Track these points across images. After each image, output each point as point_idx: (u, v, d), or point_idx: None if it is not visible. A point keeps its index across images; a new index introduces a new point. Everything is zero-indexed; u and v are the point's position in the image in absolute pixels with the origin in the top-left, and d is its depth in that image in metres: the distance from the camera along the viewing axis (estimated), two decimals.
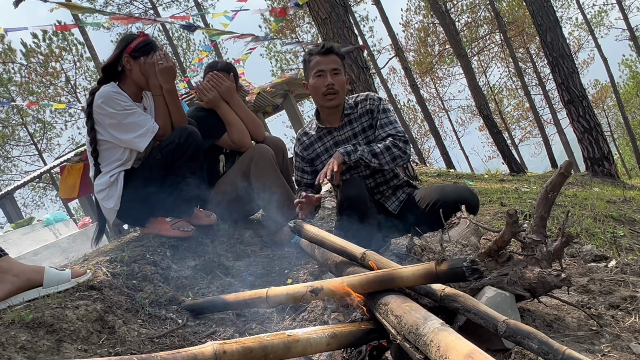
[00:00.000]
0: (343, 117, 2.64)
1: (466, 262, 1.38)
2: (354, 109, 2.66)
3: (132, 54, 2.73)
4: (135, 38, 2.77)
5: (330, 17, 6.05)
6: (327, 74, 2.52)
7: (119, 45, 2.77)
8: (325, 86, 2.51)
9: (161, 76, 2.72)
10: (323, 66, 2.53)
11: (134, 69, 2.73)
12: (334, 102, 2.55)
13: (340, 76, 2.55)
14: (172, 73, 2.75)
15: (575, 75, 8.14)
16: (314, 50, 2.60)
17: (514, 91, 28.59)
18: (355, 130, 2.64)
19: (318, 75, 2.54)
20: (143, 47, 2.74)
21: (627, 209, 4.22)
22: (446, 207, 2.35)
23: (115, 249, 2.68)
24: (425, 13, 25.32)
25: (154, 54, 2.73)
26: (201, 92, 3.18)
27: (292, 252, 2.90)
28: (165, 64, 2.72)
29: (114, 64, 2.75)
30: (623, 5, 23.48)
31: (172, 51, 24.86)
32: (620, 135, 30.95)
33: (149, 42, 2.79)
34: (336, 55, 2.57)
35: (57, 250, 6.13)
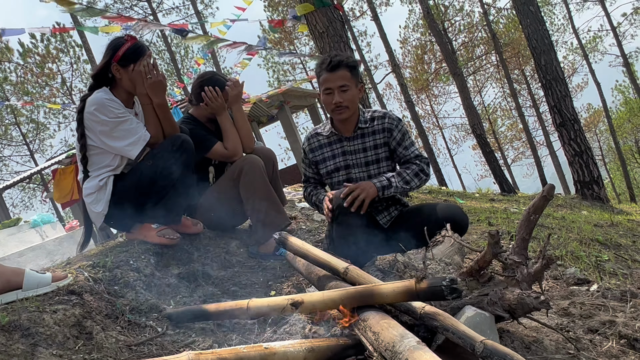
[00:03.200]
0: (357, 128, 2.67)
1: (445, 281, 1.39)
2: (369, 123, 2.67)
3: (121, 62, 2.66)
4: (123, 44, 2.69)
5: (328, 31, 6.11)
6: (335, 91, 2.54)
7: (107, 53, 2.70)
8: (333, 104, 2.55)
9: (151, 90, 2.68)
10: (330, 84, 2.54)
11: (124, 77, 2.69)
12: (343, 116, 2.59)
13: (349, 92, 2.54)
14: (162, 87, 2.70)
15: (568, 98, 8.25)
16: (323, 64, 2.58)
17: (508, 112, 28.84)
18: (366, 145, 2.66)
19: (327, 93, 2.57)
20: (132, 54, 2.68)
21: (614, 233, 4.25)
22: (436, 225, 2.37)
23: (99, 253, 2.66)
24: (423, 31, 25.60)
25: (142, 63, 2.67)
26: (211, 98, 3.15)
27: (277, 263, 2.89)
28: (154, 78, 2.67)
29: (104, 71, 2.71)
30: (617, 32, 23.85)
31: (169, 57, 24.92)
32: (611, 160, 31.22)
33: (137, 47, 2.71)
34: (345, 68, 2.54)
35: (43, 252, 6.07)
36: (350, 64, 2.57)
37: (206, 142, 3.16)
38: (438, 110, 29.10)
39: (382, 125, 2.67)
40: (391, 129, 2.66)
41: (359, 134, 2.67)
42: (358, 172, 2.67)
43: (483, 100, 28.07)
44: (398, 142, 2.66)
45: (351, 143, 2.68)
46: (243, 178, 3.03)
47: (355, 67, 2.60)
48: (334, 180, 2.74)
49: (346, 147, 2.69)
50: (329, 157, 2.73)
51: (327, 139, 2.74)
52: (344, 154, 2.70)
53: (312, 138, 2.79)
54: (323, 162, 2.74)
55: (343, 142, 2.70)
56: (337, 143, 2.71)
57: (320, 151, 2.75)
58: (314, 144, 2.77)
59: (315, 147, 2.76)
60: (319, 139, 2.76)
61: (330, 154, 2.73)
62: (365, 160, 2.68)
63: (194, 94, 3.30)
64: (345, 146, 2.69)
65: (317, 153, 2.76)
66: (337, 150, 2.71)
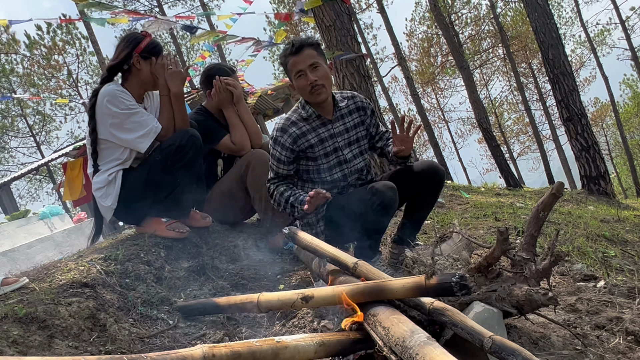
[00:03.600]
0: (336, 110, 2.60)
1: (455, 277, 1.41)
2: (344, 103, 2.64)
3: (142, 54, 2.75)
4: (144, 38, 2.79)
5: (335, 24, 6.09)
6: (307, 71, 2.46)
7: (128, 45, 2.76)
8: (309, 84, 2.45)
9: (171, 80, 2.76)
10: (300, 65, 2.47)
11: (144, 69, 2.76)
12: (322, 96, 2.49)
13: (320, 68, 2.47)
14: (181, 78, 2.80)
15: (575, 93, 8.20)
16: (286, 51, 2.53)
17: (515, 105, 28.69)
18: (348, 125, 2.63)
19: (299, 76, 2.48)
20: (154, 48, 2.79)
21: (620, 229, 4.25)
22: (414, 174, 2.47)
23: (110, 246, 2.70)
24: (430, 24, 25.43)
25: (165, 56, 2.78)
26: (218, 90, 3.18)
27: (285, 258, 2.92)
28: (175, 68, 2.77)
29: (122, 63, 2.76)
30: (626, 25, 23.62)
31: (175, 50, 24.91)
32: (618, 155, 31.04)
33: (157, 43, 2.84)
34: (310, 47, 2.49)
35: (51, 244, 6.12)
36: (313, 42, 2.52)
37: (216, 134, 3.19)
38: (444, 104, 29.00)
39: (355, 104, 2.66)
40: (364, 107, 2.66)
41: (339, 115, 2.61)
42: (347, 153, 2.60)
43: (489, 94, 27.95)
44: (371, 117, 2.69)
45: (335, 125, 2.59)
46: (250, 173, 3.06)
47: (318, 44, 2.55)
48: (323, 166, 2.58)
49: (332, 130, 2.58)
50: (317, 143, 2.55)
51: (309, 125, 2.55)
52: (332, 136, 2.58)
53: (291, 127, 2.54)
54: (310, 149, 2.55)
55: (327, 125, 2.57)
56: (322, 127, 2.57)
57: (304, 138, 2.53)
58: (295, 132, 2.53)
59: (298, 136, 2.53)
60: (299, 127, 2.54)
61: (317, 139, 2.55)
62: (349, 140, 2.62)
63: (201, 85, 3.35)
64: (331, 129, 2.58)
65: (301, 141, 2.53)
66: (324, 134, 2.56)
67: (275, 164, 2.59)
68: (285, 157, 2.55)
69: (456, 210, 4.60)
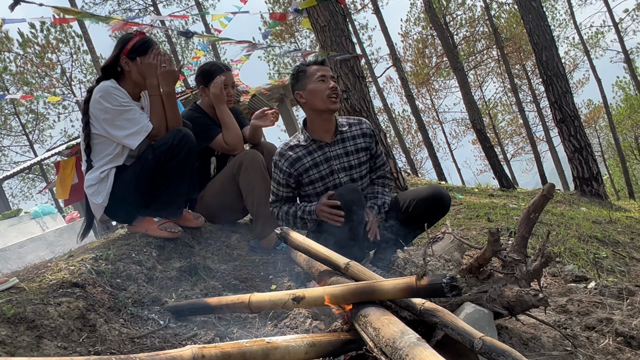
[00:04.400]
0: (336, 133, 2.63)
1: (446, 278, 1.41)
2: (346, 127, 2.68)
3: (129, 55, 2.74)
4: (132, 38, 2.78)
5: (329, 24, 6.08)
6: (329, 79, 2.56)
7: (116, 47, 2.79)
8: (330, 89, 2.52)
9: (163, 79, 2.75)
10: (324, 72, 2.56)
11: (132, 70, 2.75)
12: (337, 105, 2.54)
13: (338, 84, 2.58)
14: (174, 77, 2.79)
15: (569, 95, 8.24)
16: (310, 61, 2.63)
17: (509, 107, 28.80)
18: (348, 149, 2.64)
19: (320, 80, 2.54)
20: (140, 47, 2.76)
21: (612, 230, 4.28)
22: (421, 203, 2.59)
23: (101, 246, 2.68)
24: (425, 25, 25.49)
25: (153, 53, 2.75)
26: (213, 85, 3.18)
27: (277, 258, 2.91)
28: (168, 67, 2.75)
29: (113, 64, 2.78)
30: (619, 28, 23.77)
31: (170, 49, 24.85)
32: (610, 156, 31.22)
33: (146, 40, 2.80)
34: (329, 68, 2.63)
35: (43, 243, 6.09)
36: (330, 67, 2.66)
37: (209, 132, 3.18)
38: (438, 105, 29.09)
39: (361, 130, 2.70)
40: (371, 134, 2.71)
41: (339, 138, 2.64)
42: (343, 177, 2.63)
43: (483, 95, 28.02)
44: (375, 145, 2.75)
45: (332, 148, 2.62)
46: (243, 172, 3.05)
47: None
48: (319, 190, 2.63)
49: (328, 153, 2.61)
50: (311, 167, 2.59)
51: (305, 149, 2.60)
52: (327, 160, 2.60)
53: (288, 152, 2.60)
54: (306, 173, 2.60)
55: (324, 148, 2.61)
56: (318, 151, 2.60)
57: (300, 162, 2.59)
58: (292, 157, 2.59)
59: (294, 160, 2.58)
60: (296, 151, 2.60)
61: (312, 162, 2.59)
62: (348, 164, 2.64)
63: (196, 82, 3.36)
64: (327, 152, 2.60)
65: (297, 165, 2.59)
66: (319, 157, 2.60)
67: (275, 186, 2.68)
68: (284, 180, 2.62)
69: (449, 211, 4.61)
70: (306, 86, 2.58)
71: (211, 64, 3.36)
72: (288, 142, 2.67)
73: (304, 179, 2.62)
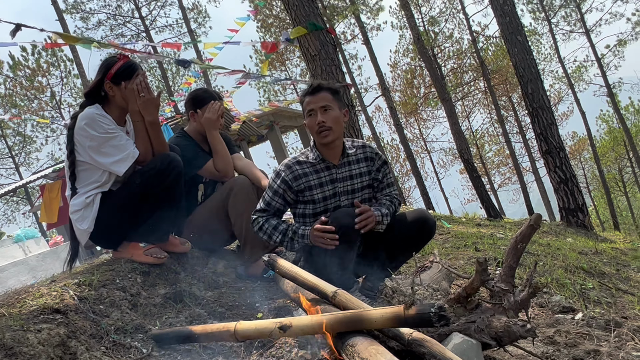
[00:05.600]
0: (344, 155, 2.66)
1: (434, 308, 1.40)
2: (352, 150, 2.71)
3: (113, 80, 2.69)
4: (116, 62, 2.73)
5: (320, 54, 6.18)
6: (317, 112, 2.55)
7: (100, 71, 2.74)
8: (317, 124, 2.54)
9: (145, 109, 2.69)
10: (313, 105, 2.57)
11: (117, 95, 2.71)
12: (328, 138, 2.55)
13: (331, 112, 2.55)
14: (154, 104, 2.72)
15: (554, 126, 8.38)
16: (306, 90, 2.65)
17: (495, 137, 29.19)
18: (353, 172, 2.68)
19: (309, 115, 2.58)
20: (124, 72, 2.71)
21: (598, 261, 4.30)
22: (406, 226, 2.59)
23: (84, 271, 2.64)
24: (413, 56, 25.95)
25: (135, 80, 2.69)
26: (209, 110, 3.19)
27: (264, 285, 2.88)
28: (147, 95, 2.68)
29: (97, 89, 2.73)
30: (602, 63, 24.39)
31: (161, 74, 24.98)
32: (595, 188, 31.63)
33: (130, 64, 2.75)
34: (327, 91, 2.59)
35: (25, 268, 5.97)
36: (331, 87, 2.63)
37: (198, 159, 3.17)
38: (426, 134, 29.36)
39: (364, 154, 2.73)
40: (373, 158, 2.74)
41: (346, 161, 2.67)
42: (344, 200, 2.65)
43: (471, 126, 28.41)
44: (378, 169, 2.75)
45: (339, 170, 2.64)
46: (232, 199, 3.04)
47: (337, 91, 2.65)
48: (318, 210, 2.63)
49: (334, 175, 2.63)
50: (315, 185, 2.60)
51: (312, 167, 2.62)
52: (333, 181, 2.63)
53: (295, 166, 2.62)
54: (309, 190, 2.60)
55: (331, 169, 2.63)
56: (325, 171, 2.62)
57: (305, 179, 2.60)
58: (298, 171, 2.60)
59: (299, 175, 2.60)
60: (303, 167, 2.62)
61: (317, 181, 2.61)
62: (352, 187, 2.67)
63: (185, 108, 3.35)
64: (334, 174, 2.63)
65: (301, 181, 2.59)
66: (325, 178, 2.62)
67: (270, 195, 2.64)
68: (282, 190, 2.61)
69: (437, 240, 4.61)
70: (305, 118, 2.65)
71: (203, 90, 3.38)
72: (296, 156, 2.69)
73: (306, 197, 2.61)
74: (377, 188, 2.77)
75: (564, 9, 25.08)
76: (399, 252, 2.61)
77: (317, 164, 2.63)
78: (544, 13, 24.64)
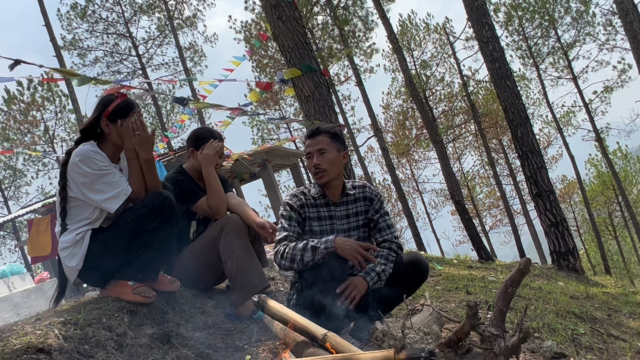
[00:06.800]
0: (343, 195, 2.77)
1: (424, 352, 1.39)
2: (353, 191, 2.80)
3: (110, 117, 2.71)
4: (113, 100, 2.76)
5: (313, 95, 6.29)
6: (314, 155, 2.68)
7: (97, 108, 2.76)
8: (313, 167, 2.67)
9: (140, 147, 2.70)
10: (310, 148, 2.70)
11: (112, 132, 2.72)
12: (323, 179, 2.67)
13: (327, 154, 2.66)
14: (149, 142, 2.74)
15: (544, 170, 8.49)
16: (307, 134, 2.78)
17: (486, 179, 29.43)
18: (350, 212, 2.78)
19: (308, 158, 2.72)
20: (121, 110, 2.73)
21: (589, 306, 4.29)
22: (400, 269, 2.63)
23: (70, 309, 2.59)
24: (405, 98, 26.41)
25: (131, 119, 2.71)
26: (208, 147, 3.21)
27: (253, 326, 2.84)
28: (143, 134, 2.70)
29: (93, 126, 2.75)
30: (589, 108, 24.93)
31: (155, 111, 25.18)
32: (586, 231, 31.74)
33: (128, 103, 2.78)
34: (325, 135, 2.70)
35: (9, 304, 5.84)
36: (329, 130, 2.74)
37: (193, 195, 3.19)
38: (418, 175, 29.55)
39: (363, 194, 2.82)
40: (371, 198, 2.82)
41: (345, 200, 2.77)
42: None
43: (462, 167, 28.67)
44: (376, 210, 2.81)
45: (338, 208, 2.75)
46: (223, 237, 3.02)
47: (335, 134, 2.74)
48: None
49: (333, 212, 2.74)
50: (314, 218, 2.72)
51: (313, 200, 2.74)
52: (331, 217, 2.74)
53: (300, 195, 2.75)
54: (308, 221, 2.72)
55: (331, 206, 2.74)
56: (325, 206, 2.74)
57: (307, 209, 2.73)
58: (302, 200, 2.73)
59: (303, 204, 2.72)
60: (306, 198, 2.74)
61: (317, 215, 2.73)
62: (348, 226, 2.76)
63: (187, 145, 3.39)
64: (333, 211, 2.74)
65: (305, 209, 2.72)
66: (324, 213, 2.73)
67: (287, 223, 2.69)
68: (295, 216, 2.70)
69: (428, 282, 4.59)
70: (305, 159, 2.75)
71: (206, 130, 3.44)
72: (301, 189, 2.82)
73: (305, 227, 2.72)
74: (374, 229, 2.81)
75: (551, 56, 25.78)
76: (391, 294, 2.60)
77: (318, 199, 2.74)
78: (532, 59, 25.30)
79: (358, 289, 2.49)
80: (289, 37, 6.39)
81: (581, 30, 24.84)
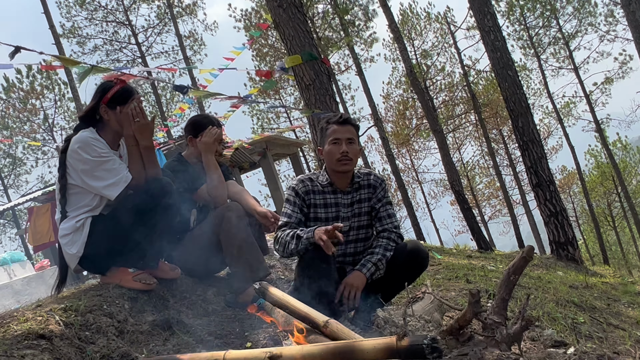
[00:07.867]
0: (352, 183, 2.79)
1: (427, 339, 1.39)
2: (359, 178, 2.82)
3: (109, 104, 2.70)
4: (112, 87, 2.74)
5: (314, 83, 6.25)
6: (343, 142, 2.69)
7: (96, 95, 2.74)
8: (340, 153, 2.67)
9: (139, 133, 2.69)
10: (339, 135, 2.71)
11: (112, 119, 2.71)
12: (346, 167, 2.70)
13: (354, 145, 2.72)
14: (149, 130, 2.73)
15: (544, 160, 8.48)
16: (332, 119, 2.78)
17: (486, 170, 29.39)
18: (355, 199, 2.80)
19: (334, 143, 2.70)
20: (120, 96, 2.71)
21: (589, 295, 4.30)
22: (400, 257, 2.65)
23: (71, 296, 2.59)
24: (406, 88, 26.28)
25: (130, 105, 2.69)
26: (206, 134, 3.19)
27: (254, 314, 2.84)
28: (142, 120, 2.68)
29: (92, 112, 2.73)
30: (590, 99, 24.84)
31: (155, 100, 25.08)
32: (585, 222, 31.79)
33: (127, 89, 2.76)
34: (352, 126, 2.75)
35: (9, 292, 5.86)
36: (355, 123, 2.81)
37: (193, 183, 3.17)
38: (418, 165, 29.52)
39: (368, 181, 2.84)
40: (375, 186, 2.84)
41: (353, 188, 2.79)
42: (344, 225, 2.70)
43: (462, 157, 28.62)
44: (379, 199, 2.83)
45: (346, 196, 2.78)
46: (224, 225, 3.01)
47: (358, 128, 2.83)
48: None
49: (340, 200, 2.77)
50: (321, 205, 2.76)
51: (321, 187, 2.77)
52: (337, 205, 2.77)
53: (306, 181, 2.78)
54: (314, 208, 2.76)
55: (338, 193, 2.77)
56: (332, 194, 2.77)
57: (314, 196, 2.76)
58: (309, 186, 2.77)
59: (310, 190, 2.76)
60: (313, 184, 2.78)
61: (323, 202, 2.76)
62: (352, 213, 2.78)
63: (185, 132, 3.36)
64: (339, 198, 2.77)
65: (311, 196, 2.75)
66: (331, 200, 2.76)
67: (290, 208, 2.74)
68: (299, 202, 2.74)
69: (428, 271, 4.60)
70: (324, 144, 2.76)
71: (204, 116, 3.40)
72: (309, 174, 2.86)
73: (311, 214, 2.75)
74: (375, 217, 2.83)
75: (553, 46, 25.65)
76: (391, 283, 2.62)
77: (326, 187, 2.77)
78: (534, 49, 25.17)
79: (356, 286, 2.52)
80: (289, 25, 6.34)
81: (583, 20, 24.69)
